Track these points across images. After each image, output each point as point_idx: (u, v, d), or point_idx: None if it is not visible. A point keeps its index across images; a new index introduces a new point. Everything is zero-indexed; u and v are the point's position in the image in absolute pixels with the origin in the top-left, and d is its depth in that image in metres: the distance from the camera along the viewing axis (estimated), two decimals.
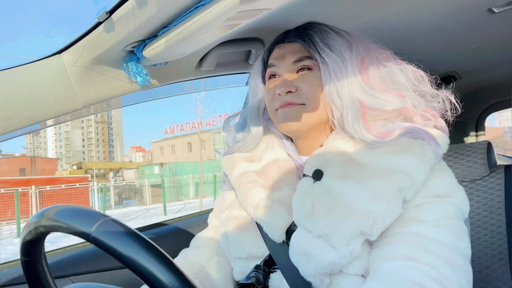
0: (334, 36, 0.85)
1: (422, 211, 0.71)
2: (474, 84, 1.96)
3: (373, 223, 0.69)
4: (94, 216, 0.48)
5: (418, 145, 0.75)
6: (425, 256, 0.65)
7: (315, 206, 0.75)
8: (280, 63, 0.88)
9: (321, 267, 0.72)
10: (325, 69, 0.82)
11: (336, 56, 0.82)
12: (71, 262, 1.18)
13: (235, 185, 0.91)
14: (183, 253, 0.98)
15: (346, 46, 0.83)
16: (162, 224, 1.49)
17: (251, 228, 0.86)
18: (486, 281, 1.69)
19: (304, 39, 0.86)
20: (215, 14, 0.70)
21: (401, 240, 0.69)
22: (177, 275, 0.44)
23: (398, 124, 0.79)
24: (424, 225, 0.70)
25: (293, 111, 0.84)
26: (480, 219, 1.73)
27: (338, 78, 0.81)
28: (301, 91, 0.84)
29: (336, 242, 0.70)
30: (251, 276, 0.79)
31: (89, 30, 0.84)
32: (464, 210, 0.76)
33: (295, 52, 0.86)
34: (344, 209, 0.72)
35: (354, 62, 0.82)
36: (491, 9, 1.09)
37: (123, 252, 0.45)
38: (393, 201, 0.70)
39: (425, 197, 0.73)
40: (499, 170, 1.77)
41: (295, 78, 0.85)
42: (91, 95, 0.95)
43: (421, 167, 0.73)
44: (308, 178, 0.80)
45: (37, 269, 0.57)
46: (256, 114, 0.96)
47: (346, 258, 0.70)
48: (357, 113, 0.79)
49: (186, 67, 1.10)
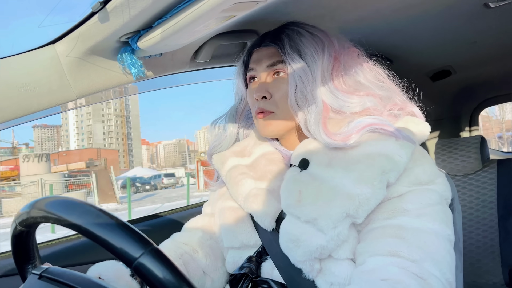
0: (306, 38, 0.86)
1: (406, 201, 0.74)
2: (469, 79, 1.96)
3: (358, 205, 0.72)
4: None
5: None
6: (406, 250, 0.67)
7: (302, 193, 0.77)
8: (257, 66, 0.90)
9: (310, 251, 0.73)
10: (291, 75, 0.84)
11: (303, 61, 0.83)
12: (64, 254, 1.18)
13: (226, 178, 0.93)
14: (173, 236, 1.00)
15: (317, 48, 0.85)
16: (157, 215, 1.49)
17: (244, 218, 0.88)
18: (478, 274, 1.71)
19: (277, 43, 0.87)
20: (210, 6, 0.70)
21: (385, 234, 0.71)
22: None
23: (359, 121, 0.80)
24: (407, 215, 0.72)
25: (265, 121, 0.87)
26: (472, 213, 1.75)
27: (304, 84, 0.83)
28: (273, 98, 0.87)
29: (323, 226, 0.72)
30: (244, 266, 0.81)
31: (83, 20, 0.83)
32: (446, 195, 0.78)
33: (270, 57, 0.88)
34: (330, 193, 0.74)
35: (325, 64, 0.84)
36: (487, 3, 1.09)
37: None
38: (377, 183, 0.72)
39: (407, 186, 0.75)
40: (492, 164, 1.78)
41: (270, 83, 0.88)
42: (85, 86, 0.94)
43: (402, 151, 0.75)
44: (295, 167, 0.83)
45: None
46: (234, 115, 0.99)
47: (334, 241, 0.72)
48: (318, 117, 0.81)
49: (181, 58, 1.09)
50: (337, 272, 0.74)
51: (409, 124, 0.82)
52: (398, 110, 0.85)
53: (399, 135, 0.77)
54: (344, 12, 1.05)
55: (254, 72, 0.91)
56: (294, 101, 0.84)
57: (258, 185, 0.87)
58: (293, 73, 0.83)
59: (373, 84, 0.86)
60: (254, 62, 0.91)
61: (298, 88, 0.83)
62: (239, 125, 1.00)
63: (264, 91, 0.87)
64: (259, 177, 0.89)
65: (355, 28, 1.16)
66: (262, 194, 0.85)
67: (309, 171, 0.80)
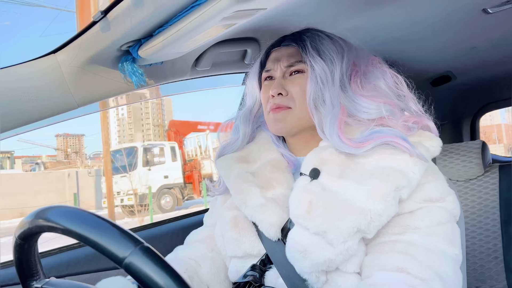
0: (327, 41, 0.86)
1: (417, 218, 0.73)
2: (469, 84, 1.96)
3: (370, 221, 0.70)
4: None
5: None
6: (416, 268, 0.67)
7: (313, 203, 0.75)
8: (275, 65, 0.89)
9: (317, 264, 0.72)
10: (311, 74, 0.84)
11: (323, 62, 0.83)
12: (66, 263, 1.18)
13: (231, 186, 0.91)
14: (176, 250, 0.99)
15: (337, 52, 0.85)
16: (157, 223, 1.48)
17: (247, 227, 0.87)
18: (481, 280, 1.70)
19: (298, 43, 0.87)
20: (210, 14, 0.70)
21: (395, 249, 0.71)
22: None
23: (376, 131, 0.78)
24: (417, 233, 0.72)
25: (281, 115, 0.86)
26: (475, 218, 1.74)
27: (323, 84, 0.82)
28: (290, 94, 0.86)
29: (333, 239, 0.71)
30: (247, 275, 0.80)
31: (84, 30, 0.84)
32: (456, 213, 0.77)
33: (289, 56, 0.88)
34: (342, 207, 0.73)
35: (344, 68, 0.84)
36: (486, 9, 1.09)
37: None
38: (390, 199, 0.71)
39: (419, 202, 0.74)
40: (493, 169, 1.78)
41: (287, 80, 0.87)
42: (86, 95, 0.94)
43: (415, 167, 0.74)
44: (305, 176, 0.81)
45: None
46: (248, 116, 0.97)
47: (343, 255, 0.71)
48: (334, 119, 0.80)
49: (182, 66, 1.09)
50: (343, 285, 0.73)
51: (423, 139, 0.81)
52: (413, 123, 0.82)
53: (413, 152, 0.75)
54: (344, 19, 1.06)
55: (271, 72, 0.90)
56: (312, 100, 0.83)
57: (264, 193, 0.86)
58: (314, 73, 0.83)
59: (391, 91, 0.85)
60: (272, 62, 0.90)
61: (318, 88, 0.82)
62: (253, 127, 0.98)
63: (281, 88, 0.86)
64: (264, 185, 0.87)
65: (354, 35, 1.16)
66: (267, 203, 0.84)
67: (320, 181, 0.78)
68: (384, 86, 0.85)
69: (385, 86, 0.85)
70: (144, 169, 13.44)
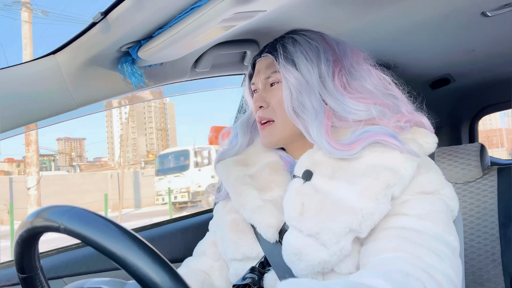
0: (302, 46, 0.85)
1: (407, 206, 0.73)
2: (468, 87, 1.97)
3: (362, 220, 0.70)
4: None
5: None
6: (409, 247, 0.67)
7: (305, 205, 0.76)
8: (256, 78, 0.91)
9: (312, 266, 0.72)
10: (285, 84, 0.84)
11: (295, 69, 0.83)
12: (64, 264, 1.18)
13: (230, 189, 0.92)
14: (186, 262, 0.99)
15: (313, 54, 0.84)
16: (157, 225, 1.48)
17: (246, 229, 0.87)
18: (479, 283, 1.70)
19: (273, 53, 0.87)
20: (210, 16, 0.70)
21: (387, 235, 0.70)
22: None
23: (365, 130, 0.78)
24: (408, 218, 0.71)
25: (266, 131, 0.88)
26: (473, 221, 1.74)
27: (299, 91, 0.82)
28: (271, 106, 0.87)
29: (326, 240, 0.71)
30: (246, 277, 0.80)
31: (84, 31, 0.84)
32: (452, 205, 0.77)
33: (267, 68, 0.89)
34: (333, 207, 0.73)
35: (323, 70, 0.82)
36: (484, 12, 1.09)
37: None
38: (381, 198, 0.71)
39: (411, 194, 0.74)
40: (492, 172, 1.78)
41: (267, 92, 0.89)
42: (86, 96, 0.94)
43: (407, 163, 0.74)
44: (298, 178, 0.81)
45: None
46: (245, 125, 0.98)
47: (337, 255, 0.71)
48: (320, 125, 0.79)
49: (182, 68, 1.10)
50: None
51: (416, 136, 0.81)
52: (405, 122, 0.82)
53: (403, 149, 0.74)
54: (343, 21, 1.06)
55: (255, 85, 0.92)
56: (291, 109, 0.83)
57: (262, 196, 0.86)
58: (287, 82, 0.83)
59: (380, 91, 0.84)
60: (255, 74, 0.92)
61: (294, 97, 0.82)
62: (250, 134, 0.99)
63: (262, 101, 0.87)
64: (262, 187, 0.88)
65: (353, 38, 1.17)
66: (265, 205, 0.84)
67: (312, 183, 0.78)
68: (372, 86, 0.84)
69: (372, 85, 0.84)
70: (195, 169, 15.47)
